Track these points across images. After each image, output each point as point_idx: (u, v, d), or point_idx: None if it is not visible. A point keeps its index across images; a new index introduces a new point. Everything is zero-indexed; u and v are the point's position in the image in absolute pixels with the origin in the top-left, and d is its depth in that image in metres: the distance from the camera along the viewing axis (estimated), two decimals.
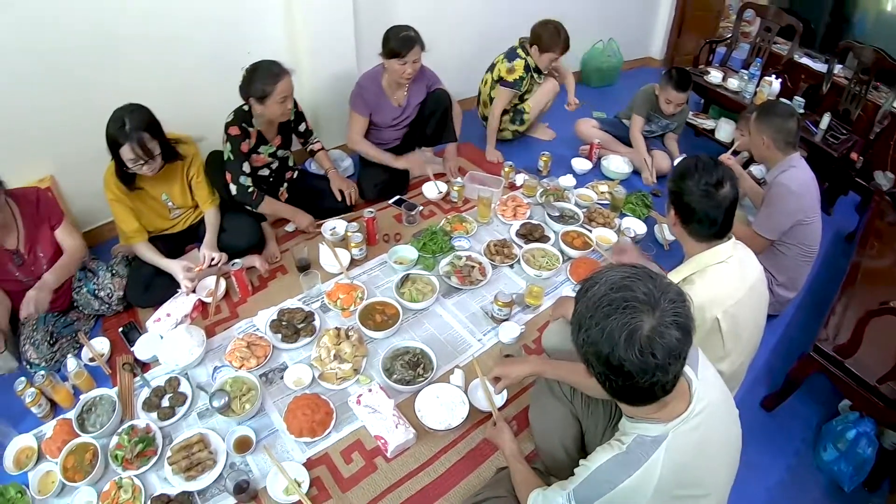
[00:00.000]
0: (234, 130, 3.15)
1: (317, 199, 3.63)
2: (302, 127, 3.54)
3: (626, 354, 1.25)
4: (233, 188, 3.21)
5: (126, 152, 2.77)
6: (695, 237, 2.14)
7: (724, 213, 2.06)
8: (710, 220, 2.07)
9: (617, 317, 1.26)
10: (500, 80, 4.07)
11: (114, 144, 2.78)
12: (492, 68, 4.18)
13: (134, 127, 2.74)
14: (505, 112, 4.26)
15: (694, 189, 2.06)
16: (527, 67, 4.03)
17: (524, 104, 4.32)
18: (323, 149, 3.70)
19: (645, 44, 6.35)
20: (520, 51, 4.04)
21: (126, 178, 2.95)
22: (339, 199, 3.56)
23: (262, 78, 3.01)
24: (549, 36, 3.88)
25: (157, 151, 2.85)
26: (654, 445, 1.41)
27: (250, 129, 3.21)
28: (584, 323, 1.31)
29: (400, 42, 3.33)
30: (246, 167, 3.20)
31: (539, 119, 4.60)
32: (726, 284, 2.08)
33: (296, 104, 3.43)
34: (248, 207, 3.28)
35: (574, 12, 4.76)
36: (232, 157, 3.17)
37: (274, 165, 3.45)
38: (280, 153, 3.45)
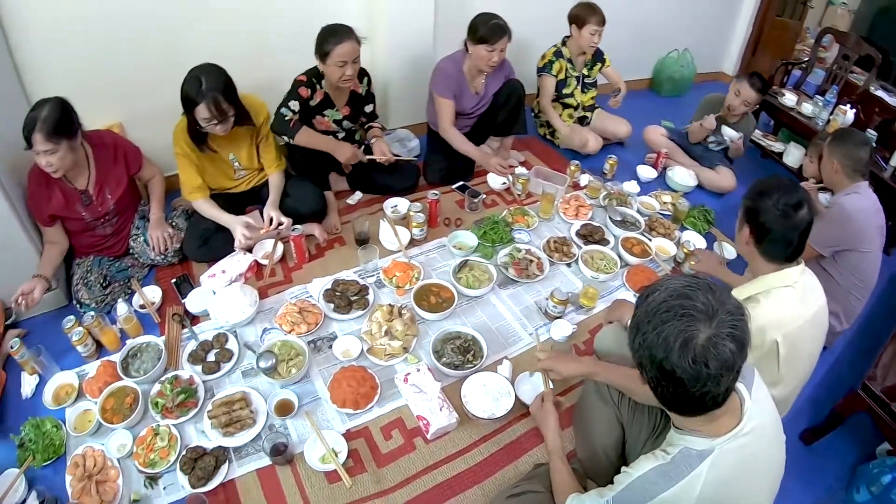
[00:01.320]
0: (303, 78, 3.22)
1: (378, 179, 3.64)
2: (369, 108, 3.53)
3: (679, 361, 1.25)
4: (272, 119, 3.23)
5: (201, 111, 2.80)
6: (766, 257, 2.10)
7: (799, 237, 2.03)
8: (784, 242, 2.03)
9: (674, 323, 1.27)
10: (536, 70, 4.10)
11: (189, 102, 2.82)
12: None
13: (210, 87, 2.77)
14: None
15: (772, 208, 2.02)
16: (557, 53, 4.02)
17: (566, 110, 4.31)
18: (383, 128, 3.67)
19: (719, 58, 6.22)
20: (557, 44, 4.08)
21: (197, 136, 2.99)
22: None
23: (327, 37, 3.05)
24: (582, 10, 3.87)
25: (230, 113, 2.88)
26: (699, 459, 1.40)
27: (318, 88, 3.26)
28: (641, 327, 1.32)
29: (490, 29, 3.31)
30: (294, 104, 3.20)
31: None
32: (790, 309, 2.03)
33: (370, 83, 3.45)
34: (286, 138, 3.26)
35: (653, 18, 4.71)
36: (287, 95, 3.23)
37: (340, 136, 3.46)
38: (346, 124, 3.46)
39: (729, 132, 4.01)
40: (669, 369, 1.27)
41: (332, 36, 3.04)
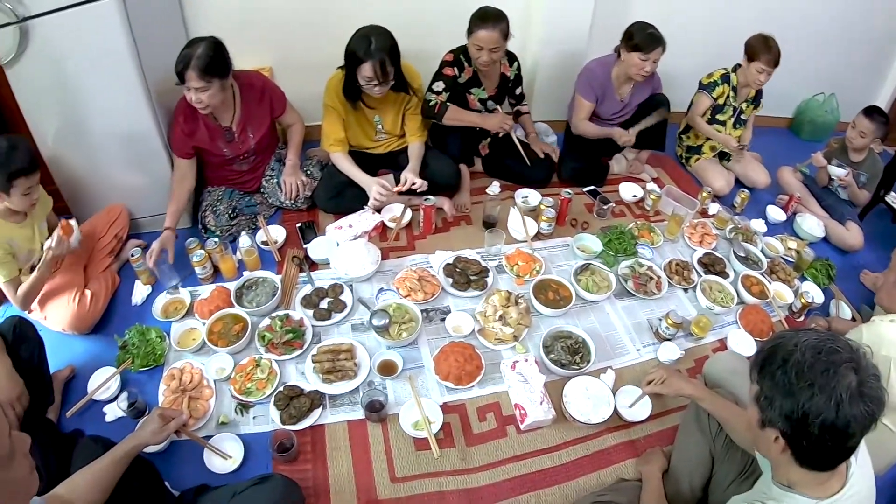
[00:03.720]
0: (449, 57, 3.26)
1: (514, 167, 3.63)
2: (518, 90, 3.56)
3: (853, 411, 1.24)
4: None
5: (365, 70, 2.85)
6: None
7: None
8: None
9: (836, 378, 1.25)
10: (699, 84, 3.94)
11: (355, 60, 2.87)
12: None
13: (378, 48, 2.82)
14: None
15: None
16: (725, 77, 3.86)
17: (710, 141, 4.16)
18: (528, 113, 3.69)
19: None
20: (731, 68, 3.92)
21: (351, 93, 3.04)
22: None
23: (476, 18, 3.09)
24: (758, 43, 3.68)
25: (392, 76, 2.92)
26: None
27: (465, 66, 3.29)
28: (795, 391, 1.28)
29: (646, 38, 3.26)
30: (438, 86, 3.24)
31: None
32: None
33: (519, 67, 3.45)
34: (434, 121, 3.31)
35: (802, 57, 4.51)
36: (433, 77, 3.28)
37: (482, 113, 3.47)
38: (491, 105, 3.47)
39: (835, 170, 3.86)
40: (843, 423, 1.24)
41: (480, 19, 3.08)
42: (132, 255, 2.93)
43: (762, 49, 3.65)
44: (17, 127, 3.09)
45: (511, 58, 3.41)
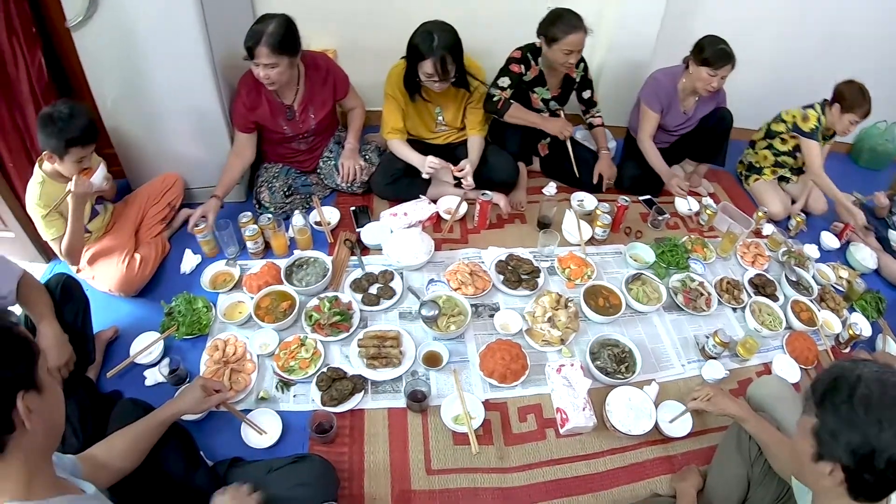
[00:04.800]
0: (517, 54, 3.25)
1: (573, 167, 3.58)
2: (587, 94, 3.54)
3: None
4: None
5: (426, 66, 2.86)
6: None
7: None
8: None
9: None
10: (795, 127, 3.82)
11: (416, 55, 2.87)
12: (776, 119, 3.95)
13: (441, 45, 2.82)
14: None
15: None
16: (819, 120, 3.77)
17: (778, 168, 4.07)
18: (603, 125, 3.65)
19: None
20: (816, 106, 3.75)
21: (412, 86, 3.05)
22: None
23: (560, 23, 3.06)
24: (853, 95, 3.58)
25: (452, 74, 2.92)
26: None
27: (532, 64, 3.28)
28: (863, 425, 1.25)
29: (717, 54, 3.20)
30: (504, 81, 3.24)
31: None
32: None
33: (586, 70, 3.43)
34: (496, 116, 3.30)
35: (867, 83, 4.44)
36: (499, 72, 3.28)
37: (545, 115, 3.46)
38: (553, 105, 3.46)
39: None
40: None
41: (564, 23, 3.05)
42: (197, 226, 2.96)
43: (859, 102, 3.56)
44: (80, 91, 3.14)
45: (578, 60, 3.37)
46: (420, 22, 2.95)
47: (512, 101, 3.24)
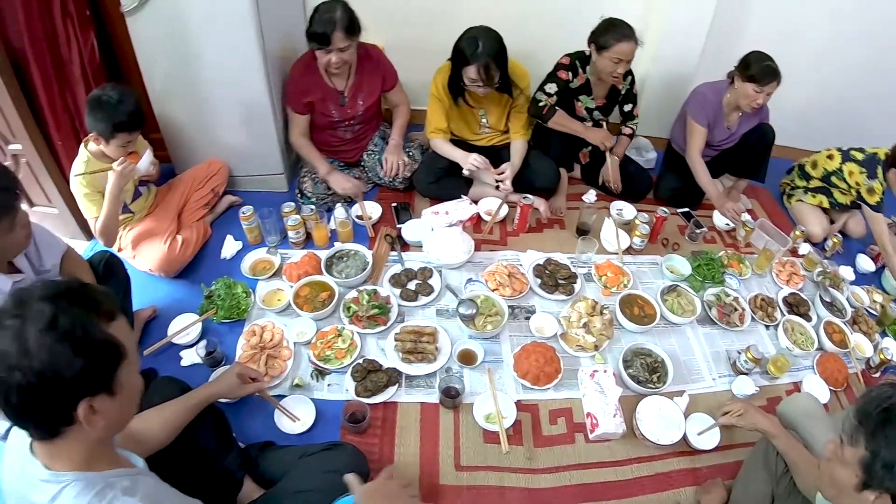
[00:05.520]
0: (566, 60, 3.27)
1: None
2: (628, 107, 3.52)
3: None
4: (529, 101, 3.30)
5: (470, 72, 2.90)
6: None
7: None
8: None
9: None
10: (859, 198, 3.61)
11: (461, 59, 2.92)
12: (846, 156, 3.70)
13: (485, 52, 2.85)
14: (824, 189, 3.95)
15: None
16: (884, 192, 3.57)
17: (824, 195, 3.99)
18: (631, 137, 3.63)
19: None
20: (879, 170, 3.52)
21: (456, 89, 3.09)
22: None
23: (611, 32, 3.07)
24: None
25: (496, 80, 2.95)
26: None
27: (580, 72, 3.30)
28: None
29: (763, 70, 3.18)
30: (551, 87, 3.26)
31: None
32: None
33: (633, 84, 3.45)
34: (539, 121, 3.33)
35: None
36: (546, 77, 3.30)
37: (587, 124, 3.47)
38: (596, 115, 3.48)
39: None
40: None
41: (616, 31, 3.06)
42: (243, 213, 3.02)
43: None
44: (130, 75, 3.21)
45: (626, 72, 3.37)
46: (470, 22, 3.00)
47: (557, 107, 3.26)
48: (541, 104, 3.23)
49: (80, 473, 1.13)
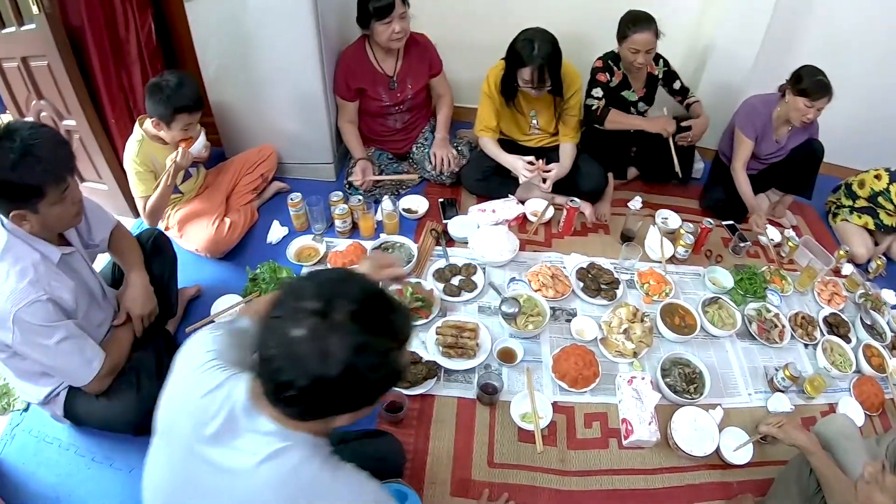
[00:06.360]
0: (599, 63, 3.30)
1: (674, 164, 3.53)
2: (676, 85, 3.53)
3: None
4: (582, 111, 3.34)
5: (524, 73, 2.93)
6: None
7: None
8: None
9: None
10: None
11: (516, 61, 2.94)
12: (894, 176, 3.67)
13: (541, 55, 2.87)
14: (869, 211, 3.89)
15: None
16: None
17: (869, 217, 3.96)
18: (698, 101, 3.62)
19: None
20: None
21: (509, 90, 3.11)
22: None
23: (628, 22, 3.13)
24: None
25: (549, 83, 2.96)
26: None
27: (615, 69, 3.32)
28: None
29: (815, 85, 3.15)
30: (597, 92, 3.30)
31: None
32: None
33: (668, 64, 3.45)
34: (596, 125, 3.35)
35: None
36: (588, 84, 3.34)
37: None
38: (641, 106, 3.51)
39: None
40: None
41: (634, 23, 3.11)
42: (291, 199, 3.07)
43: None
44: (185, 60, 3.29)
45: (656, 57, 3.40)
46: (521, 20, 3.03)
47: (610, 107, 3.29)
48: (593, 108, 3.27)
49: (310, 437, 1.21)
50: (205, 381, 1.26)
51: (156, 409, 1.35)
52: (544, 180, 3.24)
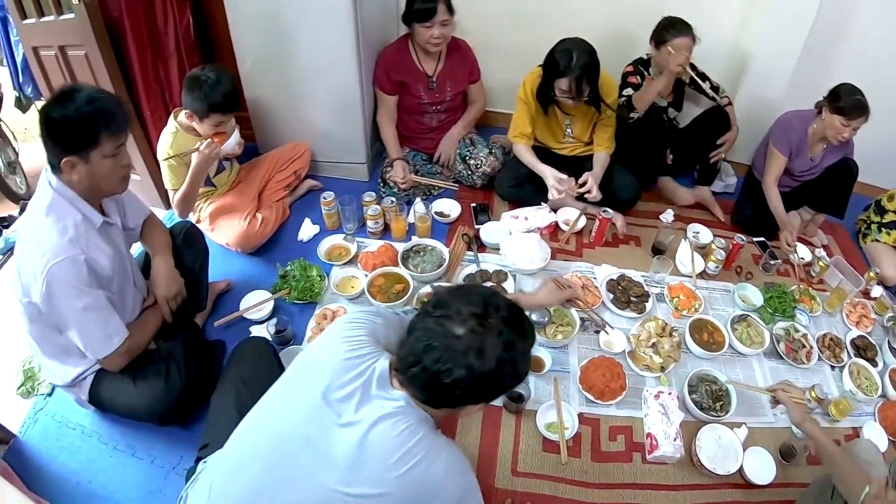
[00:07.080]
0: (630, 69, 3.35)
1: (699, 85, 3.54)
2: (706, 85, 3.48)
3: None
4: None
5: (562, 83, 2.93)
6: None
7: None
8: None
9: None
10: None
11: (554, 71, 2.94)
12: None
13: (579, 65, 2.87)
14: None
15: None
16: None
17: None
18: (731, 104, 3.63)
19: None
20: None
21: (545, 98, 3.11)
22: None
23: (668, 27, 3.16)
24: None
25: (587, 94, 2.96)
26: None
27: (646, 75, 3.34)
28: None
29: (852, 104, 3.12)
30: (627, 91, 3.32)
31: None
32: None
33: (694, 67, 3.41)
34: (631, 114, 3.36)
35: None
36: (621, 86, 3.35)
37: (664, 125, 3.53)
38: (671, 112, 3.54)
39: None
40: None
41: (673, 27, 3.16)
42: (324, 198, 3.09)
43: None
44: (222, 55, 3.33)
45: None
46: (561, 27, 3.09)
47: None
48: (622, 100, 3.31)
49: (429, 418, 1.43)
50: (350, 348, 1.46)
51: (299, 355, 1.63)
52: (582, 196, 3.22)
